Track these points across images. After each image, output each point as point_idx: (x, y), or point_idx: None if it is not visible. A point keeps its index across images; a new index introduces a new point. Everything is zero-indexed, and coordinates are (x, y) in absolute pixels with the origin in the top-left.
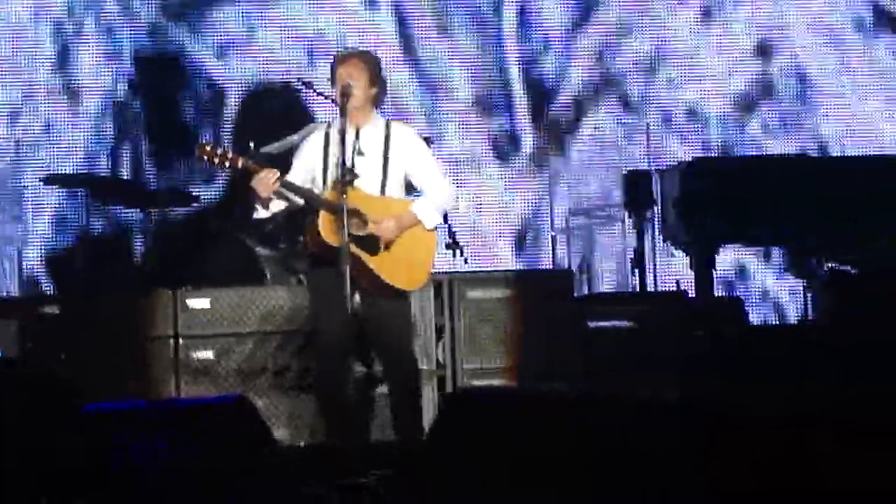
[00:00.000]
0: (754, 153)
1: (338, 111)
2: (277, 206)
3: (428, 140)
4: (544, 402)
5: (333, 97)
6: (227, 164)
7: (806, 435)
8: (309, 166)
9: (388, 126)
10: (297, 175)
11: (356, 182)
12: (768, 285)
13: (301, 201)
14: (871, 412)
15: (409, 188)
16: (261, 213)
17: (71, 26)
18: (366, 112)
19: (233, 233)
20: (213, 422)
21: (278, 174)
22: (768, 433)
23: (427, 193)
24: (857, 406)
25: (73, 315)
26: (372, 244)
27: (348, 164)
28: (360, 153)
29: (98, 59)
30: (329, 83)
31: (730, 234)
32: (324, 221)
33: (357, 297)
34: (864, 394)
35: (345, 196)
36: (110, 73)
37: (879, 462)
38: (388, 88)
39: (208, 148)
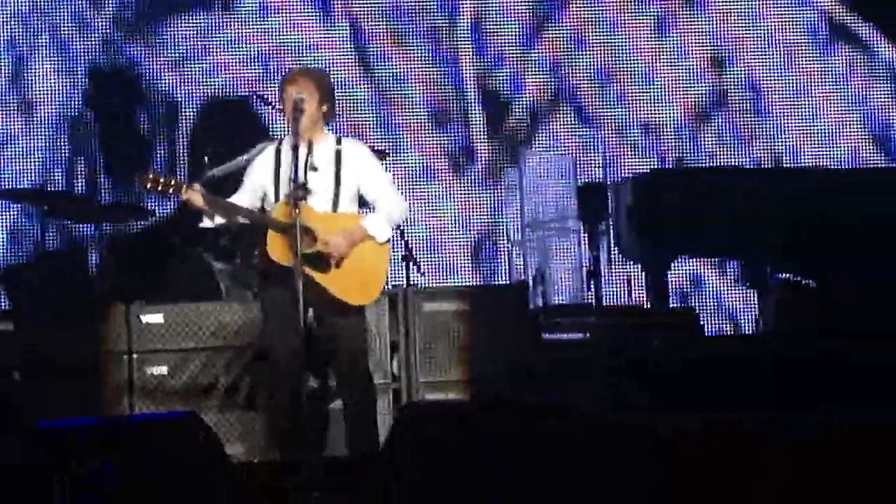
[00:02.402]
0: (708, 164)
1: (289, 128)
2: (220, 218)
3: (384, 153)
4: (498, 414)
5: (285, 111)
6: (167, 190)
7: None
8: (260, 183)
9: (338, 142)
10: (247, 192)
11: (308, 198)
12: (723, 295)
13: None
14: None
15: (363, 203)
16: (206, 223)
17: (26, 39)
18: (317, 129)
19: (190, 247)
20: (165, 438)
21: (202, 193)
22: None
23: (379, 208)
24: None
25: (25, 331)
26: (322, 261)
27: (301, 179)
28: (314, 168)
29: (52, 72)
30: (279, 99)
31: (684, 245)
32: (272, 240)
33: (310, 313)
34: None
35: (297, 212)
36: (65, 87)
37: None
38: (344, 102)
39: (148, 176)
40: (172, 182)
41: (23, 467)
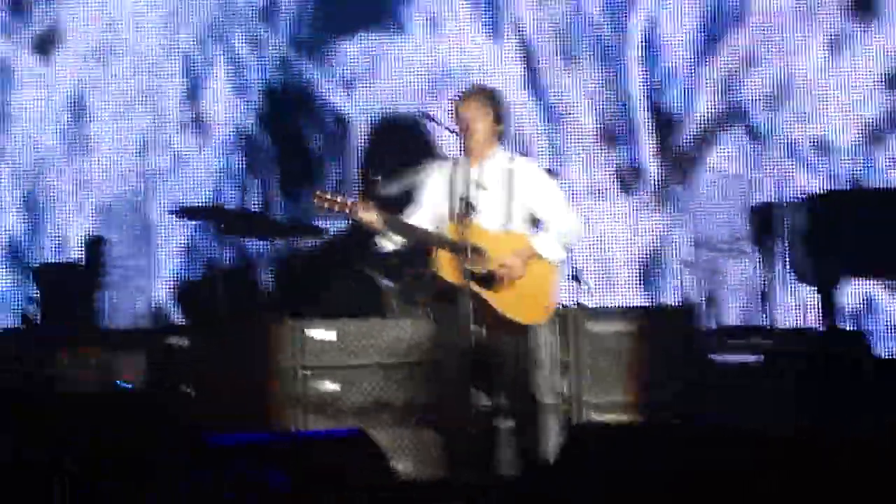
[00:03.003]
0: (883, 186)
1: (461, 146)
2: (398, 240)
3: (551, 172)
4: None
5: (457, 131)
6: (344, 209)
7: None
8: (434, 202)
9: (511, 160)
10: (422, 212)
11: (476, 217)
12: None
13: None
14: None
15: (535, 221)
16: (384, 247)
17: (201, 60)
18: (489, 148)
19: (358, 265)
20: (332, 455)
21: (381, 213)
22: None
23: (551, 227)
24: None
25: (199, 346)
26: (493, 279)
27: (469, 198)
28: (482, 187)
29: (227, 92)
30: (453, 118)
31: (857, 267)
32: (443, 259)
33: (482, 331)
34: None
35: (464, 231)
36: (239, 106)
37: None
38: (512, 122)
39: (323, 195)
40: (346, 202)
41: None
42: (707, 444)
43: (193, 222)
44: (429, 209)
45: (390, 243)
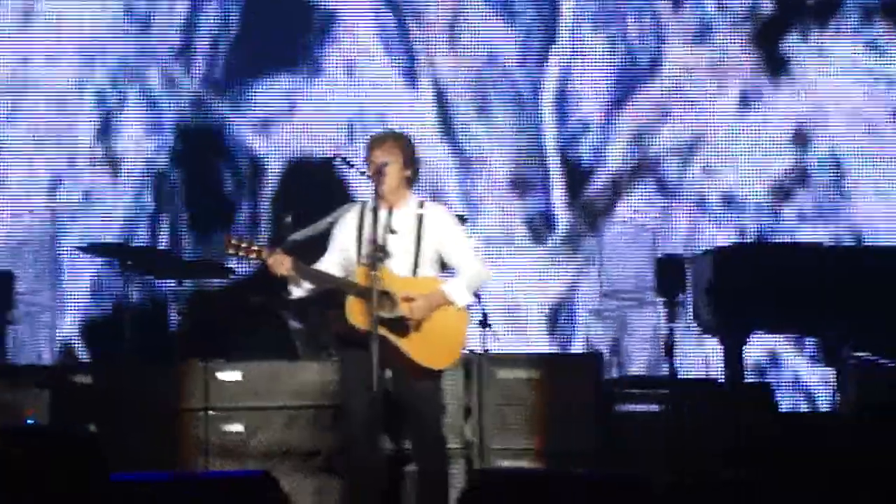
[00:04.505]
0: (789, 241)
1: (373, 190)
2: (307, 286)
3: (462, 218)
4: (570, 484)
5: (369, 175)
6: (252, 255)
7: None
8: (344, 246)
9: (421, 205)
10: (332, 255)
11: (386, 261)
12: (800, 373)
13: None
14: None
15: (444, 266)
16: (294, 293)
17: (114, 96)
18: (400, 192)
19: (269, 306)
20: (236, 497)
21: (289, 260)
22: None
23: (459, 273)
24: None
25: (104, 385)
26: (401, 324)
27: (380, 242)
28: (392, 231)
29: (140, 129)
30: (366, 161)
31: (761, 321)
32: (351, 303)
33: (388, 374)
34: None
35: (374, 275)
36: (152, 144)
37: None
38: (426, 166)
39: (234, 241)
40: (255, 248)
41: None
42: (609, 493)
43: (102, 260)
44: (339, 253)
45: (299, 289)
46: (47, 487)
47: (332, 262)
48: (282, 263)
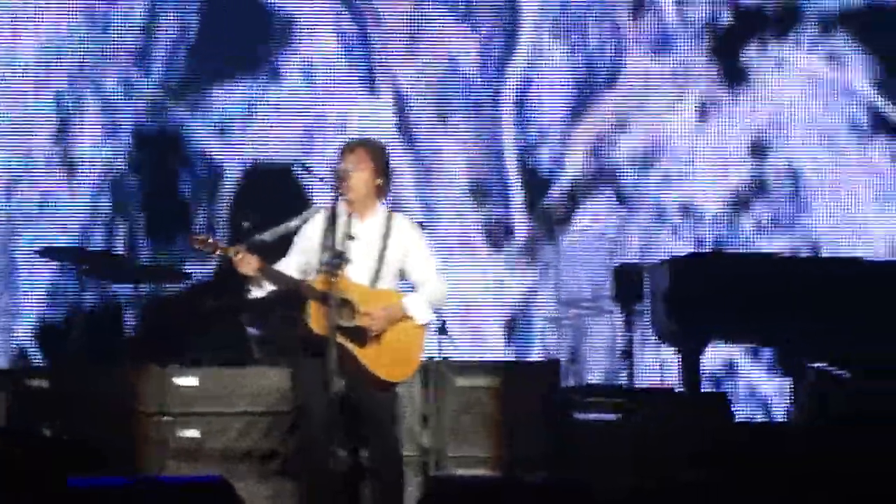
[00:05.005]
0: (746, 250)
1: (336, 197)
2: (268, 287)
3: (421, 225)
4: (525, 492)
5: (334, 182)
6: (217, 252)
7: None
8: (306, 249)
9: (389, 217)
10: (294, 258)
11: (347, 270)
12: (756, 382)
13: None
14: None
15: (403, 277)
16: (255, 293)
17: (72, 99)
18: (369, 201)
19: (227, 311)
20: (193, 502)
21: (256, 260)
22: None
23: (421, 289)
24: None
25: (60, 389)
26: (360, 334)
27: (338, 248)
28: (351, 237)
29: (97, 133)
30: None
31: (718, 330)
32: (313, 309)
33: (343, 383)
34: None
35: (334, 281)
36: (109, 148)
37: None
38: (392, 177)
39: (200, 238)
40: (224, 246)
41: None
42: (565, 501)
43: (58, 263)
44: (301, 255)
45: (260, 290)
46: (4, 492)
47: (293, 265)
48: (249, 263)
